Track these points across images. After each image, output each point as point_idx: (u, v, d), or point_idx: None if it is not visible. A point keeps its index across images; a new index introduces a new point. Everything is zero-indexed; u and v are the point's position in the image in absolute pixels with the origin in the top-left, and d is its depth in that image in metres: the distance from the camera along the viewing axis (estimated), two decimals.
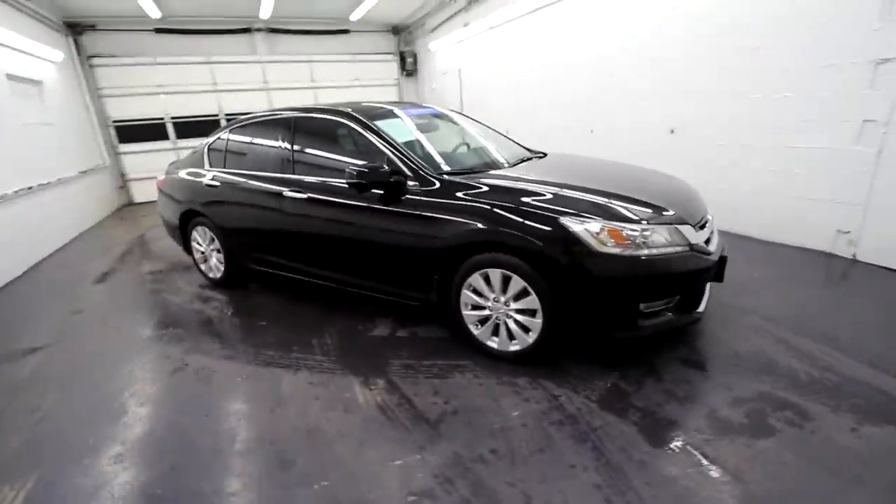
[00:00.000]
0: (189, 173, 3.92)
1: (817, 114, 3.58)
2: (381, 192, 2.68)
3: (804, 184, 3.74)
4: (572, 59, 6.11)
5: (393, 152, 2.74)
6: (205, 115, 9.11)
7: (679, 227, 2.26)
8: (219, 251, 3.83)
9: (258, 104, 9.46)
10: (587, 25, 5.77)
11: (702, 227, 2.43)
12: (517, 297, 2.36)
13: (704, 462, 1.76)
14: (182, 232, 4.09)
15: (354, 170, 2.61)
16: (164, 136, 8.91)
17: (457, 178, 2.60)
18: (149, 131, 8.74)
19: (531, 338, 2.39)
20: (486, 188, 2.48)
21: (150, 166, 8.77)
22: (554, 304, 2.24)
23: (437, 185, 2.56)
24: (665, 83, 4.84)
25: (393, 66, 10.81)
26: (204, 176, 3.75)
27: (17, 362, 2.95)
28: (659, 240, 2.17)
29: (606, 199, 2.32)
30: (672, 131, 4.86)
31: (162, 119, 8.82)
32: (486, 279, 2.43)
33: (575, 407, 2.13)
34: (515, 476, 1.75)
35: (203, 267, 4.09)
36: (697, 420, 1.99)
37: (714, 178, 4.38)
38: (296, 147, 3.21)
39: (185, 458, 1.99)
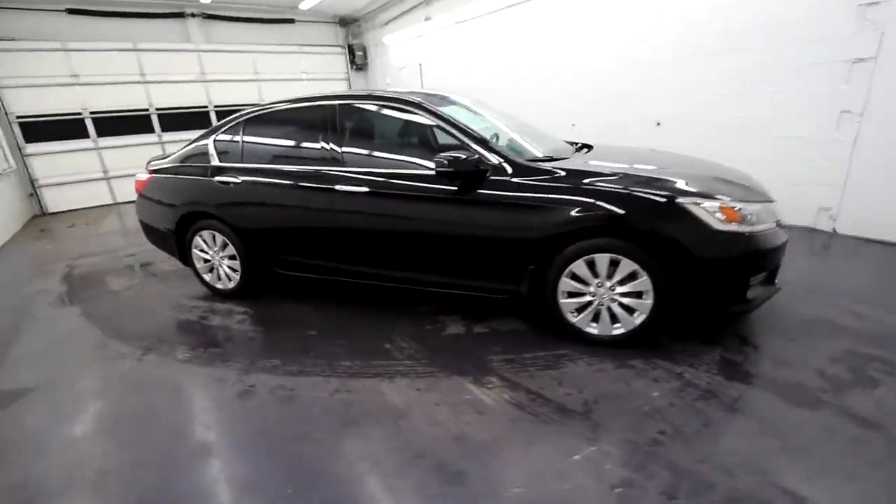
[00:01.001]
0: (189, 171, 3.41)
1: (801, 107, 4.06)
2: (463, 181, 2.54)
3: (790, 168, 4.23)
4: (549, 57, 6.30)
5: (475, 140, 2.61)
6: (133, 110, 8.00)
7: (769, 204, 2.44)
8: (233, 257, 3.37)
9: (194, 97, 8.53)
10: (566, 25, 5.99)
11: None
12: (624, 281, 2.38)
13: (845, 415, 1.92)
14: (178, 239, 3.54)
15: (446, 158, 2.45)
16: (84, 134, 7.65)
17: (546, 165, 2.55)
18: (64, 128, 7.45)
19: (638, 320, 2.42)
20: (589, 172, 2.45)
21: (68, 169, 7.51)
22: (666, 284, 2.29)
23: (533, 172, 2.49)
24: (649, 82, 5.19)
25: (341, 60, 10.35)
26: (215, 173, 3.28)
27: (8, 409, 2.36)
28: (761, 217, 2.32)
29: (704, 181, 2.42)
30: (658, 124, 5.22)
31: (80, 114, 7.56)
32: (590, 265, 2.42)
33: (704, 381, 2.20)
34: (700, 453, 1.77)
35: (208, 277, 3.58)
36: (815, 380, 2.16)
37: None
38: (345, 138, 2.93)
39: (338, 490, 1.72)
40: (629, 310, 2.43)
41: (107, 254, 5.07)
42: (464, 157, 2.45)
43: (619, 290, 2.40)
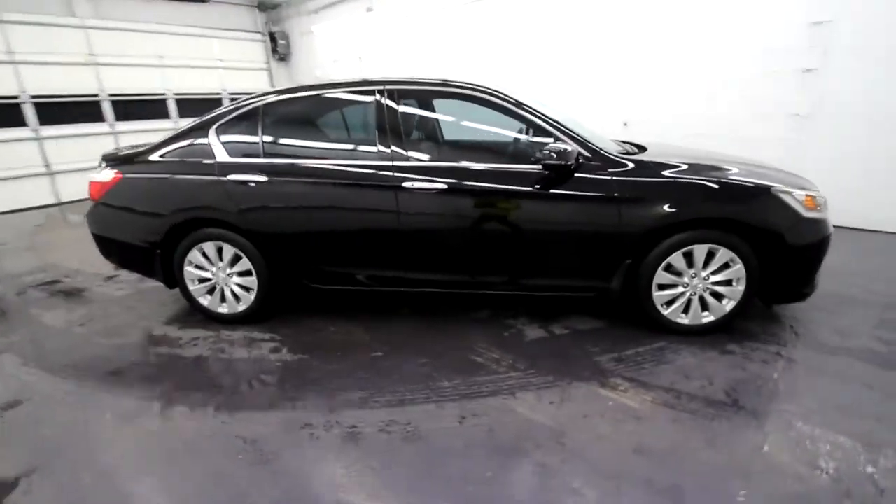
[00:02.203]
0: (182, 170, 2.71)
1: (763, 110, 4.63)
2: (557, 174, 2.39)
3: None
4: (514, 52, 6.35)
5: (565, 132, 2.46)
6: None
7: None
8: (245, 273, 2.77)
9: (83, 82, 6.98)
10: (533, 20, 6.09)
11: None
12: (717, 270, 2.45)
13: None
14: (165, 256, 2.81)
15: (554, 151, 2.27)
16: None
17: (635, 158, 2.51)
18: None
19: (728, 307, 2.51)
20: (681, 166, 2.45)
21: None
22: (760, 270, 2.41)
23: (628, 164, 2.43)
24: (618, 84, 5.51)
25: (260, 48, 9.32)
26: (226, 171, 2.65)
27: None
28: (826, 204, 2.56)
29: (773, 174, 2.58)
30: (625, 124, 5.57)
31: None
32: (686, 256, 2.44)
33: (800, 356, 2.35)
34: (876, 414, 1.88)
35: (205, 300, 2.90)
36: (875, 341, 2.45)
37: None
38: (406, 130, 2.56)
39: None
40: (718, 298, 2.51)
41: (20, 276, 3.87)
42: (569, 148, 2.30)
43: (713, 279, 2.47)
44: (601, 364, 2.37)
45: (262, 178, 2.61)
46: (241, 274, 2.80)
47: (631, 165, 2.42)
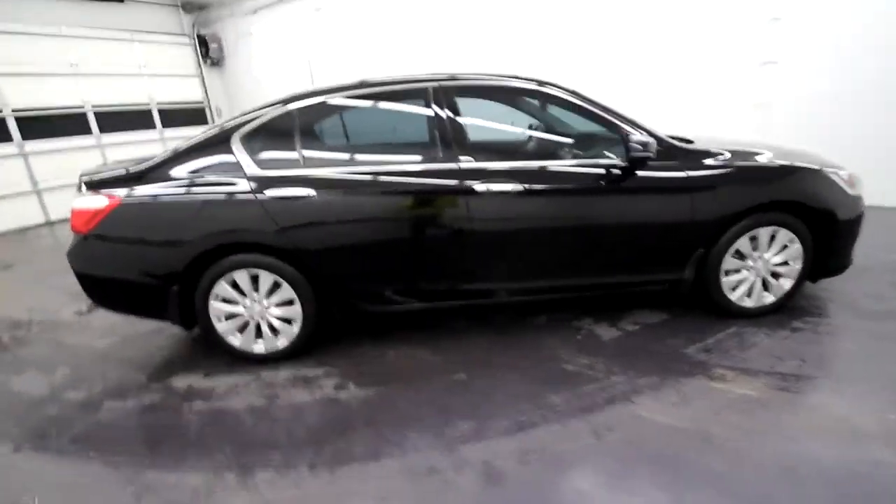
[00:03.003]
0: (204, 187, 2.28)
1: (724, 100, 4.99)
2: (631, 168, 2.34)
3: None
4: (472, 49, 6.30)
5: (636, 124, 2.40)
6: None
7: None
8: (286, 303, 2.40)
9: None
10: (493, 14, 6.07)
11: None
12: (779, 251, 2.54)
13: None
14: (183, 292, 2.34)
15: (640, 143, 2.20)
16: None
17: (694, 147, 2.53)
18: None
19: (786, 286, 2.61)
20: (728, 154, 2.51)
21: None
22: (814, 250, 2.53)
23: (688, 154, 2.43)
24: (585, 77, 5.67)
25: (189, 53, 8.42)
26: (264, 186, 2.27)
27: None
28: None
29: (814, 157, 2.71)
30: None
31: None
32: (752, 240, 2.50)
33: (866, 328, 2.49)
34: None
35: (236, 340, 2.47)
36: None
37: None
38: (462, 127, 2.36)
39: None
40: (777, 278, 2.61)
41: None
42: (651, 140, 2.25)
43: (774, 260, 2.55)
44: (692, 356, 2.34)
45: (310, 192, 2.26)
46: (280, 304, 2.42)
47: (687, 154, 2.43)
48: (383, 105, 2.40)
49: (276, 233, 2.27)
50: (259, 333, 2.48)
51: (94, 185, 2.36)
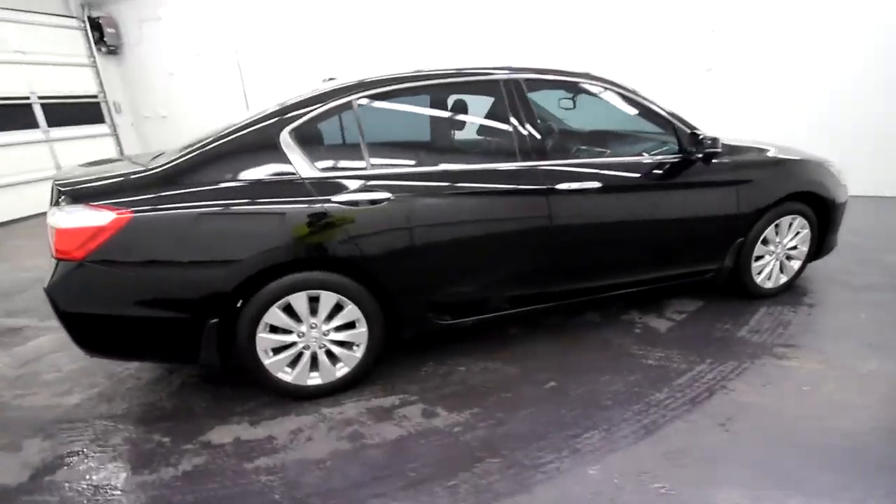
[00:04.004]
0: (250, 193, 1.86)
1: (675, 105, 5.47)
2: (693, 164, 2.42)
3: None
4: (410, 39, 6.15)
5: (686, 122, 2.48)
6: None
7: None
8: (345, 327, 2.07)
9: None
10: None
11: None
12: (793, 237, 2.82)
13: None
14: (224, 323, 1.89)
15: (710, 139, 2.27)
16: None
17: (739, 143, 2.69)
18: None
19: (795, 266, 2.90)
20: (768, 149, 2.71)
21: None
22: (818, 236, 2.86)
23: (733, 149, 2.58)
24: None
25: (79, 38, 7.04)
26: (330, 192, 1.92)
27: None
28: None
29: (808, 152, 3.05)
30: None
31: None
32: (776, 228, 2.74)
33: (869, 292, 2.87)
34: None
35: (288, 375, 2.06)
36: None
37: None
38: (541, 124, 2.23)
39: None
40: (789, 260, 2.90)
41: None
42: (719, 137, 2.34)
43: (790, 244, 2.83)
44: (747, 338, 2.49)
45: (385, 196, 1.97)
46: (338, 328, 2.08)
47: (742, 150, 2.60)
48: (456, 96, 2.19)
49: (345, 245, 1.94)
50: (315, 365, 2.10)
51: (85, 196, 1.80)
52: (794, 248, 2.84)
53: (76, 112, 6.85)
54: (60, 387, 2.39)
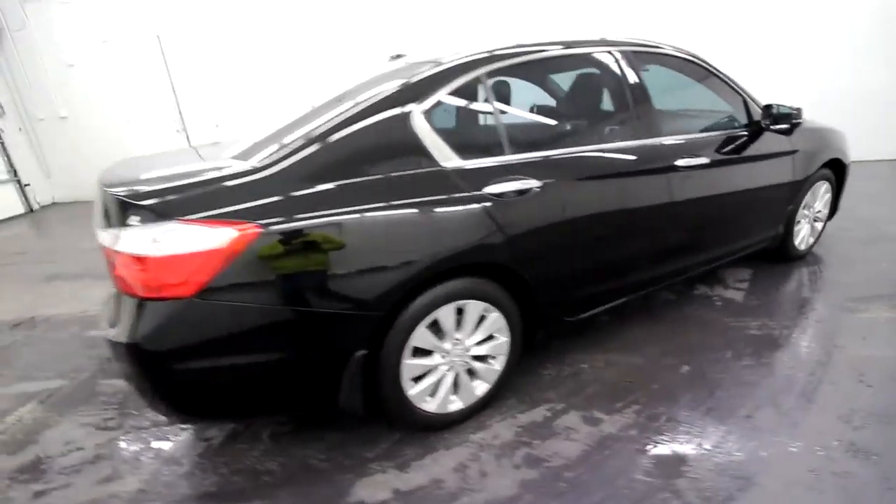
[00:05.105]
0: (396, 189, 1.52)
1: None
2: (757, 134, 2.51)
3: None
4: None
5: (744, 93, 2.53)
6: None
7: None
8: (485, 340, 1.81)
9: None
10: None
11: None
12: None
13: None
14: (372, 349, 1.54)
15: (796, 110, 2.34)
16: None
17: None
18: None
19: (819, 226, 3.18)
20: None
21: None
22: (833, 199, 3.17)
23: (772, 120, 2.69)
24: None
25: None
26: (480, 181, 1.64)
27: None
28: None
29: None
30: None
31: None
32: (814, 193, 2.96)
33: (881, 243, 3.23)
34: None
35: (432, 403, 1.75)
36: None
37: None
38: (648, 98, 2.12)
39: None
40: (816, 222, 3.16)
41: None
42: (800, 108, 2.43)
43: (818, 207, 3.08)
44: (813, 298, 2.70)
45: (532, 185, 1.72)
46: (479, 342, 1.81)
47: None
48: (577, 70, 2.00)
49: (496, 244, 1.67)
50: (456, 387, 1.81)
51: (179, 209, 1.32)
52: (819, 211, 3.11)
53: None
54: (98, 470, 1.79)
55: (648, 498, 1.51)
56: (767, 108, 2.47)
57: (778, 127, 2.48)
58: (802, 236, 3.06)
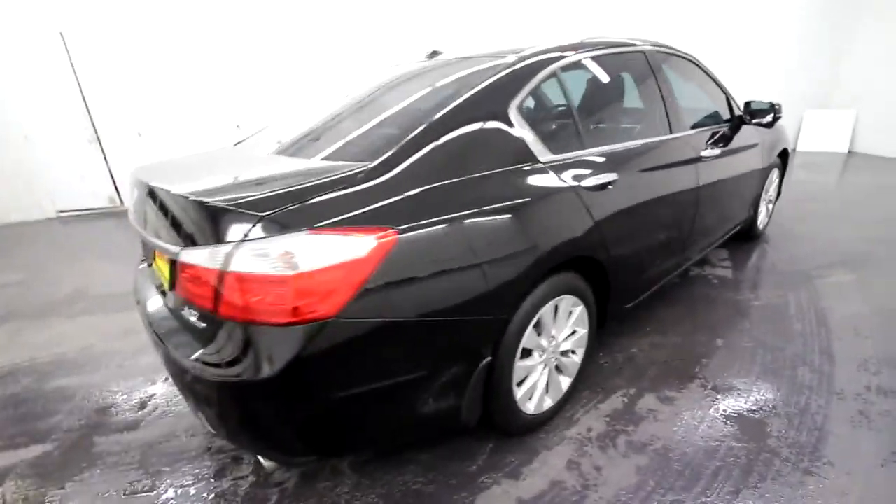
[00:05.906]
0: (512, 187, 1.46)
1: None
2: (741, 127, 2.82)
3: None
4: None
5: (727, 92, 2.83)
6: None
7: None
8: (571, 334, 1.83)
9: None
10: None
11: None
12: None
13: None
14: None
15: (776, 105, 2.65)
16: None
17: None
18: None
19: (771, 209, 3.67)
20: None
21: None
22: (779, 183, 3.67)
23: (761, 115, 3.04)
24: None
25: None
26: (580, 176, 1.65)
27: None
28: None
29: None
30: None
31: None
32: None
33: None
34: None
35: (532, 404, 1.71)
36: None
37: None
38: (669, 94, 2.27)
39: None
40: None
41: None
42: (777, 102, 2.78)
43: (771, 191, 3.54)
44: (785, 270, 3.08)
45: (612, 177, 1.76)
46: (566, 337, 1.81)
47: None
48: (622, 68, 2.08)
49: (588, 238, 1.68)
50: (546, 388, 1.78)
51: (310, 217, 1.13)
52: (771, 194, 3.58)
53: None
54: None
55: (754, 462, 1.62)
56: (747, 104, 2.80)
57: (760, 121, 2.81)
58: (762, 217, 3.51)
